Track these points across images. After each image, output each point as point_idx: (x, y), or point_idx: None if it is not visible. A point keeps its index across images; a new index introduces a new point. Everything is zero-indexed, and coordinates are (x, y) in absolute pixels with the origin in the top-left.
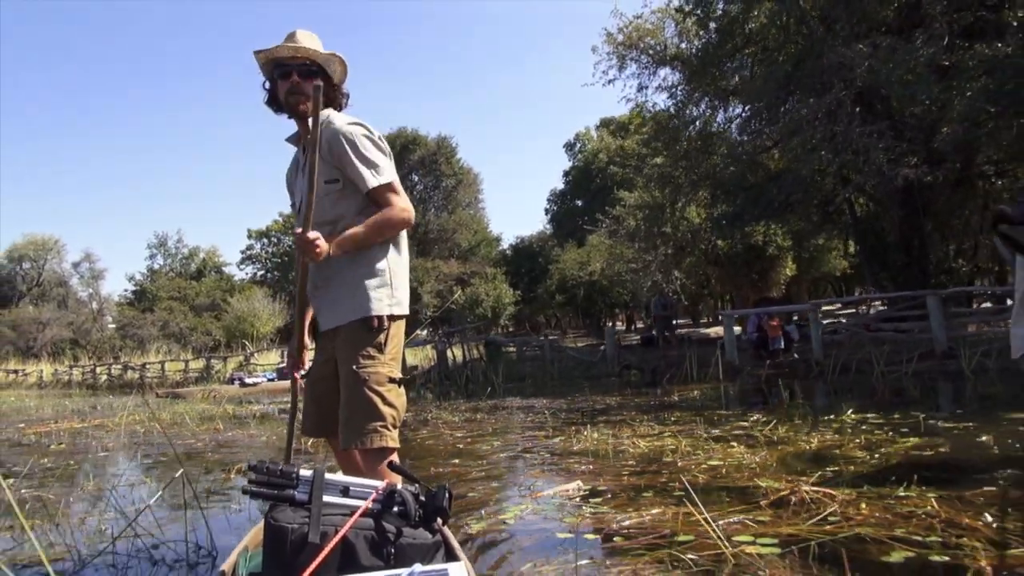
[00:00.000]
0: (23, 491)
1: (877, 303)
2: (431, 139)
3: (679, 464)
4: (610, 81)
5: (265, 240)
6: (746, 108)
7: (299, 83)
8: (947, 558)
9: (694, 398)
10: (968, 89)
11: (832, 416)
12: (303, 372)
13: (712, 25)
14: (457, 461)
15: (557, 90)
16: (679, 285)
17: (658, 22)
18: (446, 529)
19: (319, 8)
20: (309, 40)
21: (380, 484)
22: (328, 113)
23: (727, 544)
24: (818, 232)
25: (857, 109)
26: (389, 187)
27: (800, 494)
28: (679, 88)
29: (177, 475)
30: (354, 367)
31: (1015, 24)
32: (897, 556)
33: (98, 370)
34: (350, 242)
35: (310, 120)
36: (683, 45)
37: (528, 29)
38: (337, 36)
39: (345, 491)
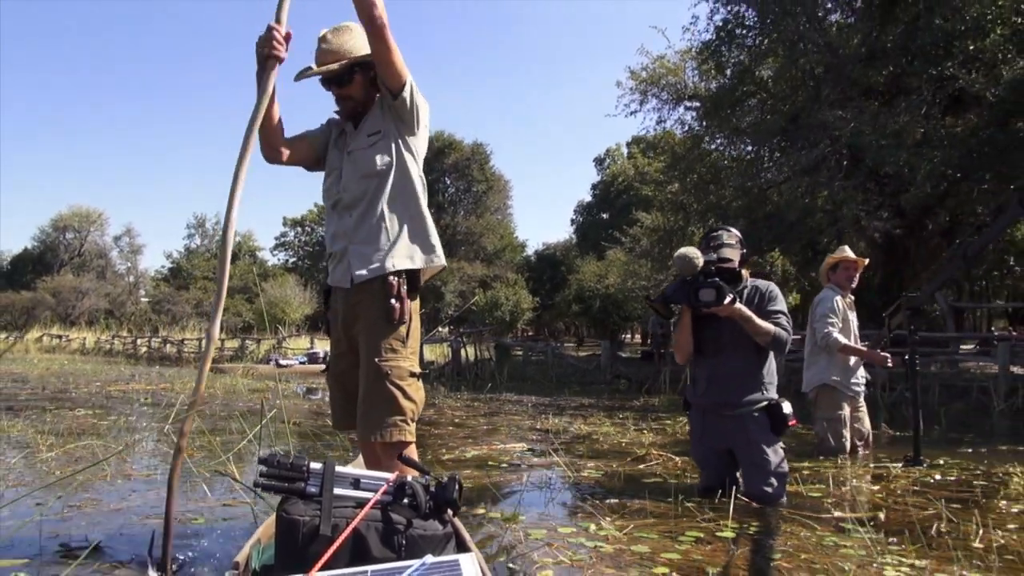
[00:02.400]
0: (153, 424)
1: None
2: (466, 144)
3: (599, 440)
4: (632, 113)
5: (299, 228)
6: (752, 148)
7: (339, 93)
8: (688, 481)
9: (653, 404)
10: (935, 157)
11: None
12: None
13: (727, 71)
14: (451, 428)
15: (597, 101)
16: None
17: (679, 62)
18: (457, 520)
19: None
20: (337, 38)
21: (390, 476)
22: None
23: (571, 470)
24: (808, 269)
25: (844, 163)
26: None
27: (651, 455)
28: (695, 124)
29: (269, 416)
30: (377, 359)
31: (991, 98)
32: (656, 479)
33: (139, 342)
34: None
35: (357, 115)
36: (701, 84)
37: (572, 42)
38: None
39: (356, 483)
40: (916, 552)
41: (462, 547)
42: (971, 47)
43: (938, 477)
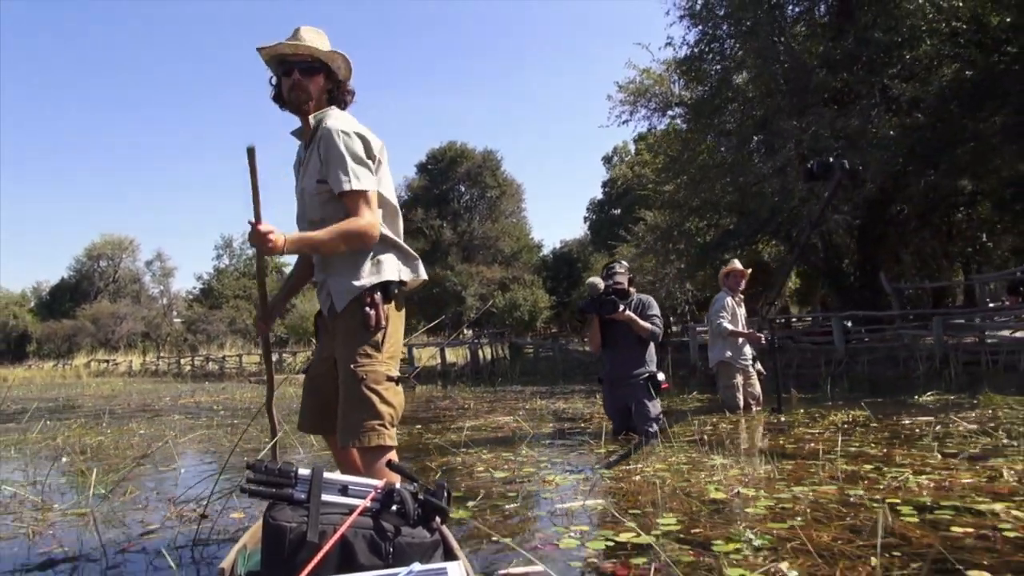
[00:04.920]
0: (242, 423)
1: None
2: (478, 152)
3: (568, 412)
4: (624, 122)
5: None
6: (733, 150)
7: (300, 80)
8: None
9: None
10: (880, 156)
11: (690, 394)
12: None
13: (706, 81)
14: (460, 410)
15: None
16: (691, 296)
17: (664, 73)
18: (444, 528)
19: (384, 16)
20: (314, 37)
21: (379, 483)
22: (329, 111)
23: (530, 428)
24: (789, 256)
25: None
26: (361, 196)
27: (594, 418)
28: (683, 127)
29: None
30: (352, 365)
31: (933, 96)
32: (584, 429)
33: (182, 361)
34: (307, 243)
35: (311, 118)
36: (686, 93)
37: (578, 38)
38: (392, 47)
39: (344, 490)
40: (697, 450)
41: (450, 555)
42: (907, 56)
43: (783, 419)
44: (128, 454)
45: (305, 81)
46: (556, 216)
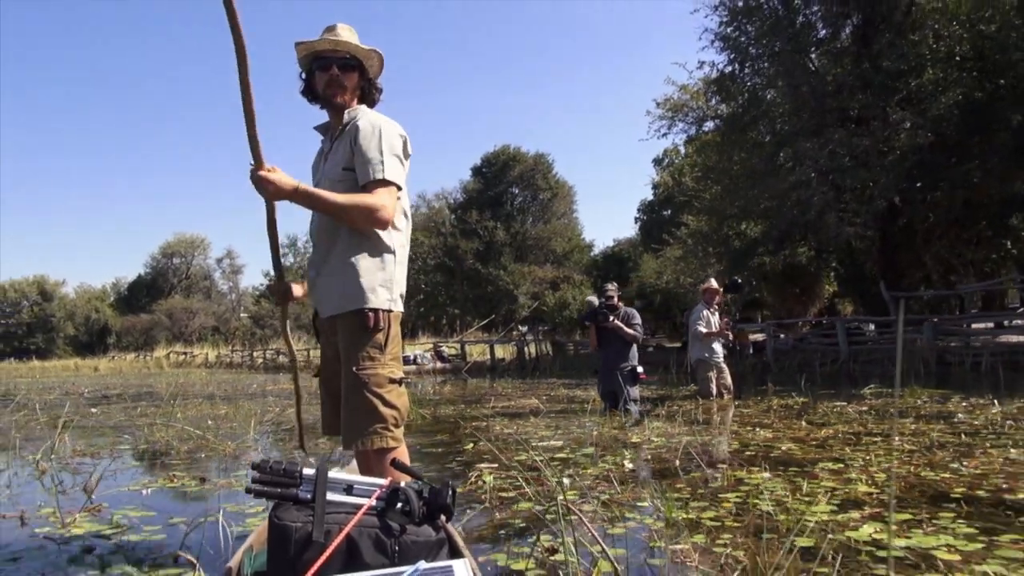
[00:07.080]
0: None
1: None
2: (530, 156)
3: (579, 398)
4: (663, 135)
5: None
6: (763, 161)
7: (338, 76)
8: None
9: (651, 381)
10: (890, 172)
11: (688, 386)
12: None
13: (739, 98)
14: (497, 396)
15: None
16: (730, 299)
17: (699, 90)
18: (450, 526)
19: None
20: (349, 34)
21: (383, 482)
22: (361, 108)
23: (541, 404)
24: (822, 259)
25: (831, 177)
26: (384, 183)
27: (595, 402)
28: (719, 141)
29: None
30: (354, 368)
31: (931, 120)
32: (582, 408)
33: (254, 354)
34: (317, 198)
35: (345, 114)
36: (721, 107)
37: (637, 38)
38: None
39: (349, 489)
40: (652, 420)
41: (455, 553)
42: (912, 84)
43: (737, 403)
44: (251, 419)
45: (343, 76)
46: (610, 215)
